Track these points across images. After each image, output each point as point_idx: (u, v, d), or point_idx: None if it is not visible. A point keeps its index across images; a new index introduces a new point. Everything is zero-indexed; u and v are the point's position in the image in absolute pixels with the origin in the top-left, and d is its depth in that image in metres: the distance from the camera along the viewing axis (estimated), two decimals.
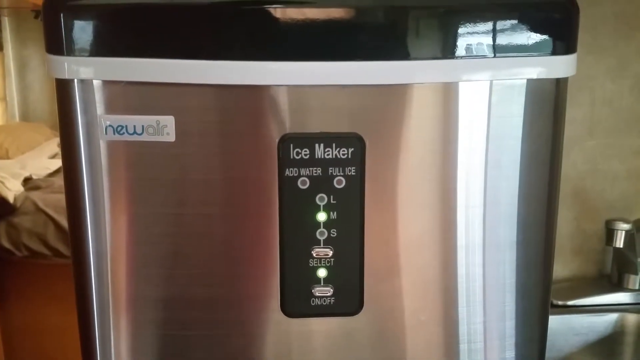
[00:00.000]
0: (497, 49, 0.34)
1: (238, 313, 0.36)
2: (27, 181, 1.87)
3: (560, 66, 0.35)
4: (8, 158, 2.17)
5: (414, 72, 0.33)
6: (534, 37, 0.34)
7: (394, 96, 0.34)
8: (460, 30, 0.33)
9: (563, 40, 0.35)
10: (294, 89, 0.33)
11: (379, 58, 0.33)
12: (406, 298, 0.36)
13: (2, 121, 2.55)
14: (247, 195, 0.34)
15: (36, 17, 2.37)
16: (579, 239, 0.81)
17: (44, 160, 2.16)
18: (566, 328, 0.73)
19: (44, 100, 2.68)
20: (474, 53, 0.33)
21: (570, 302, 0.74)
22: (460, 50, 0.33)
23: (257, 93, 0.33)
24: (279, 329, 0.36)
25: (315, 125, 0.33)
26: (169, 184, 0.33)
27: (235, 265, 0.35)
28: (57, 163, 2.10)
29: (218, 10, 0.32)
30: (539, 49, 0.34)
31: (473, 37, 0.33)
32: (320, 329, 0.36)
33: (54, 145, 2.33)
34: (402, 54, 0.33)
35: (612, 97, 0.79)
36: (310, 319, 0.36)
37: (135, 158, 0.33)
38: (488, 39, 0.33)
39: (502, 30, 0.34)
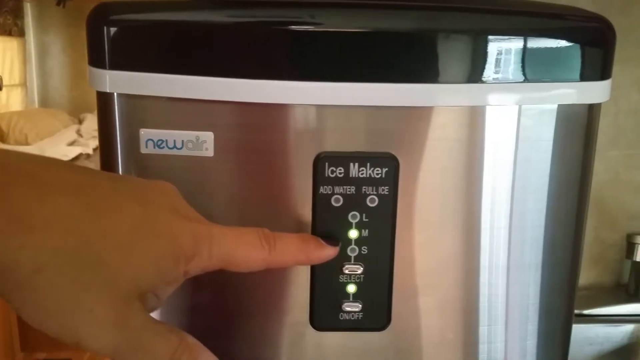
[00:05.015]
0: (528, 74, 0.34)
1: (266, 325, 0.36)
2: None
3: (594, 92, 0.35)
4: (27, 144, 2.19)
5: (441, 95, 0.33)
6: (568, 63, 0.34)
7: (424, 118, 0.34)
8: (491, 54, 0.33)
9: (598, 66, 0.35)
10: (329, 109, 0.34)
11: (407, 81, 0.33)
12: (431, 316, 0.37)
13: (21, 106, 2.58)
14: (281, 210, 0.34)
15: (58, 4, 2.38)
16: (598, 248, 0.81)
17: (63, 147, 2.18)
18: (581, 337, 0.73)
19: (64, 87, 2.70)
20: (504, 78, 0.33)
21: (586, 312, 0.75)
22: (488, 75, 0.33)
23: (293, 112, 0.34)
24: (306, 342, 0.37)
25: (349, 144, 0.34)
26: (204, 198, 0.34)
27: (267, 278, 0.35)
28: (75, 150, 2.12)
29: (256, 30, 0.33)
30: (572, 75, 0.34)
31: (503, 62, 0.33)
32: (347, 343, 0.37)
33: (72, 132, 2.36)
34: (430, 77, 0.33)
35: (637, 108, 0.79)
36: (337, 333, 0.36)
37: (174, 172, 0.34)
38: (519, 64, 0.34)
39: (534, 56, 0.34)
